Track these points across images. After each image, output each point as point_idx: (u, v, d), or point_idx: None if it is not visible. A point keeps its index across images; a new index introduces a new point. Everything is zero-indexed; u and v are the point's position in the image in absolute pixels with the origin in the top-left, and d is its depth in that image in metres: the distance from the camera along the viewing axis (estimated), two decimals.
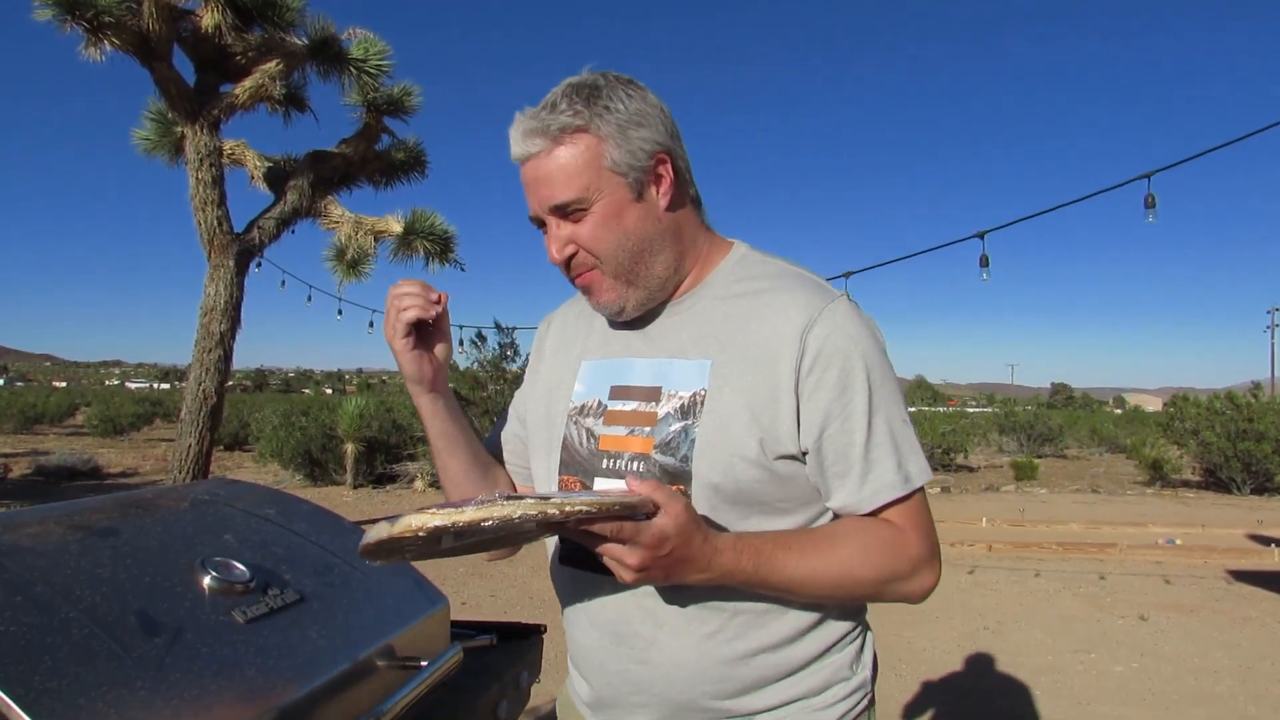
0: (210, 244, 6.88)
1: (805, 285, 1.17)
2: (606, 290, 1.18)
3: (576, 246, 1.16)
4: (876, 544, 1.11)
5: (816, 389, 1.10)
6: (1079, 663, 5.00)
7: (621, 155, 1.13)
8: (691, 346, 1.18)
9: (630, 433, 1.17)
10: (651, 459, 1.14)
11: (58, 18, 5.78)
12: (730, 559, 1.03)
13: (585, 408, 1.23)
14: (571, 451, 1.23)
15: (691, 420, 1.13)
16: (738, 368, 1.13)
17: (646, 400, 1.17)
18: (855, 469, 1.12)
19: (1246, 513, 11.85)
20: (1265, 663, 4.97)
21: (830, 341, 1.11)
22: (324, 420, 15.27)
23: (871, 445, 1.11)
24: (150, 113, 7.87)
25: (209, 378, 6.80)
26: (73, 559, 1.23)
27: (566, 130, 1.11)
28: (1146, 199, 4.77)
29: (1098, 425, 29.23)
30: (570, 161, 1.12)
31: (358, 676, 1.35)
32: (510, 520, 0.86)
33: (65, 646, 1.04)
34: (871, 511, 1.13)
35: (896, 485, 1.12)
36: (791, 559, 1.07)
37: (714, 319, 1.19)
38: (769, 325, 1.14)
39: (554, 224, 1.16)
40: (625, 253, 1.16)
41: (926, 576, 1.14)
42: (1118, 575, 7.45)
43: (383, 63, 7.38)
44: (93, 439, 24.20)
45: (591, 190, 1.12)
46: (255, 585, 1.34)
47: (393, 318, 1.20)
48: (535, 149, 1.13)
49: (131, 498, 1.60)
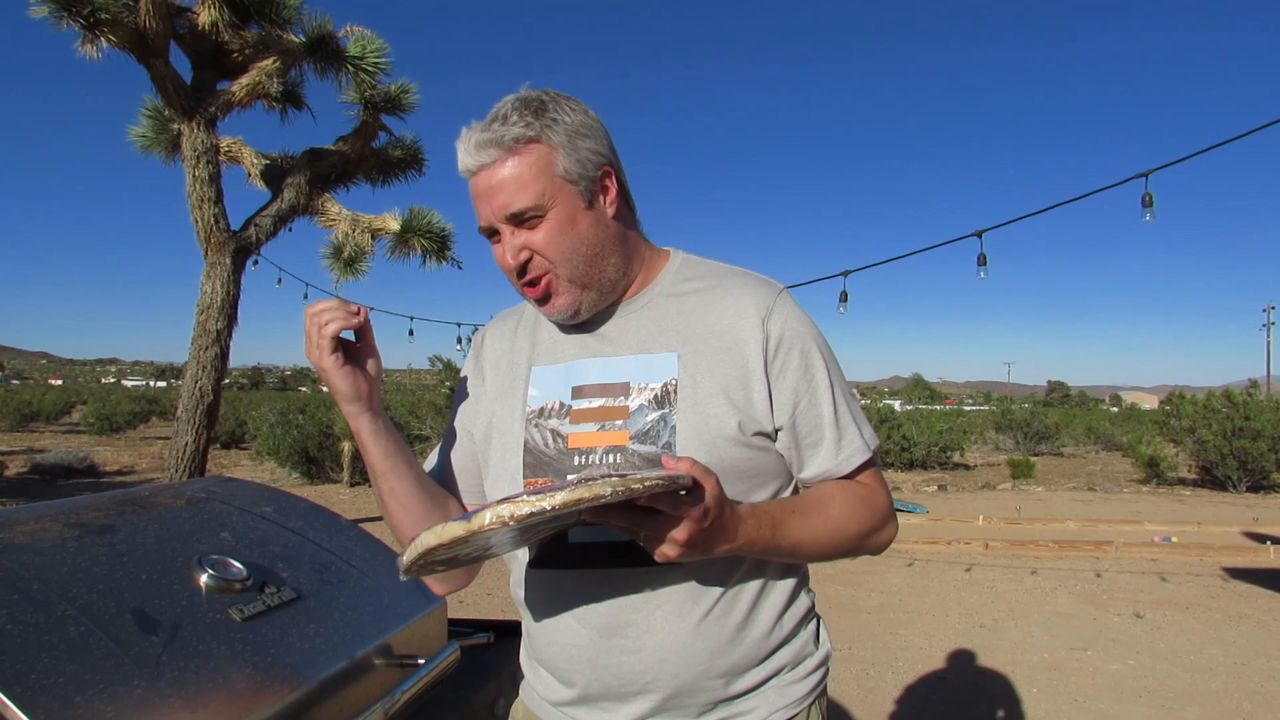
0: (207, 241, 6.87)
1: (751, 280, 1.27)
2: (563, 294, 1.22)
3: (531, 252, 1.20)
4: (858, 501, 1.22)
5: (784, 370, 1.20)
6: (1075, 660, 5.01)
7: (572, 164, 1.18)
8: (653, 341, 1.24)
9: (601, 428, 1.21)
10: (628, 449, 1.18)
11: (54, 14, 5.77)
12: (752, 526, 1.09)
13: (545, 410, 1.26)
14: (536, 454, 1.24)
15: (669, 408, 1.18)
16: (705, 357, 1.21)
17: (615, 396, 1.22)
18: (828, 437, 1.23)
19: (1242, 510, 11.88)
20: (1260, 660, 4.99)
21: (789, 327, 1.22)
22: (321, 418, 15.25)
23: (838, 416, 1.23)
24: (147, 110, 7.86)
25: (205, 375, 6.79)
26: (69, 557, 1.23)
27: (520, 140, 1.16)
28: (1144, 198, 4.77)
29: (1094, 423, 29.27)
30: (525, 170, 1.16)
31: (355, 674, 1.35)
32: (601, 498, 0.87)
33: (62, 644, 1.04)
34: (848, 474, 1.24)
35: (863, 449, 1.25)
36: (797, 521, 1.15)
37: (670, 315, 1.26)
38: (727, 317, 1.22)
39: (508, 232, 1.19)
40: (580, 257, 1.20)
41: (892, 526, 1.28)
42: (1114, 573, 7.47)
43: (380, 60, 7.38)
44: (89, 437, 24.16)
45: (546, 197, 1.17)
46: (252, 583, 1.34)
47: (315, 335, 1.19)
48: (489, 159, 1.16)
49: (128, 495, 1.60)
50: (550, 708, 1.28)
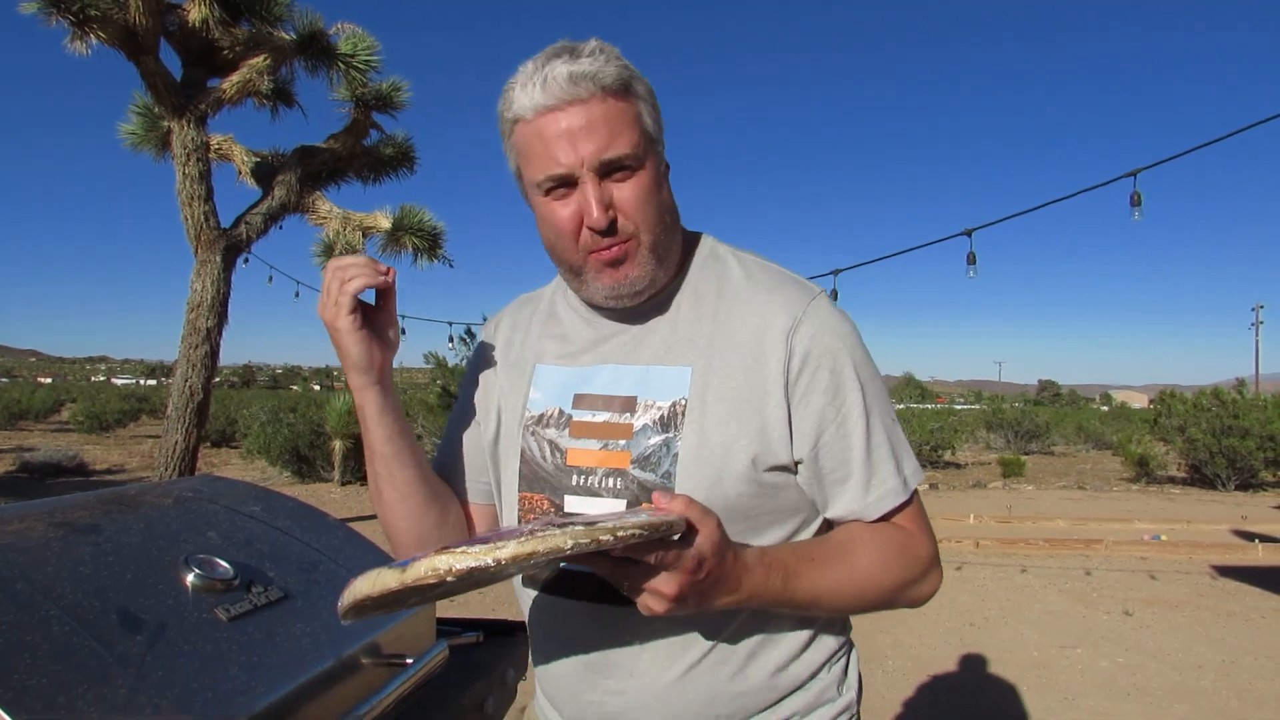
0: (197, 239, 6.85)
1: (784, 283, 1.10)
2: (639, 265, 1.06)
3: (615, 211, 1.03)
4: (892, 550, 1.06)
5: (808, 393, 1.04)
6: (1065, 658, 5.03)
7: (654, 125, 1.07)
8: (667, 351, 1.09)
9: (603, 446, 1.08)
10: (629, 474, 1.05)
11: (43, 10, 5.74)
12: (760, 577, 0.96)
13: (544, 417, 1.13)
14: (533, 466, 1.12)
15: (673, 433, 1.04)
16: (719, 374, 1.06)
17: (620, 411, 1.08)
18: (856, 475, 1.06)
19: (1231, 509, 11.95)
20: (1248, 657, 5.02)
21: (818, 341, 1.05)
22: (311, 417, 15.21)
23: (871, 449, 1.06)
24: (137, 107, 7.83)
25: (196, 374, 6.77)
26: (54, 556, 1.22)
27: (618, 83, 1.02)
28: (1132, 197, 4.80)
29: (1084, 422, 29.40)
30: (623, 115, 1.02)
31: (342, 674, 1.35)
32: (560, 551, 0.74)
33: (46, 645, 1.03)
34: (879, 517, 1.07)
35: (899, 490, 1.07)
36: (815, 571, 1.00)
37: (690, 320, 1.11)
38: (750, 327, 1.07)
39: (593, 183, 1.02)
40: (663, 226, 1.07)
41: (935, 577, 1.10)
42: (1103, 571, 7.50)
43: (371, 58, 7.36)
44: (78, 435, 24.04)
45: (641, 149, 1.03)
46: (239, 583, 1.33)
47: (335, 290, 1.05)
48: (583, 94, 1.00)
49: (115, 494, 1.59)
50: None
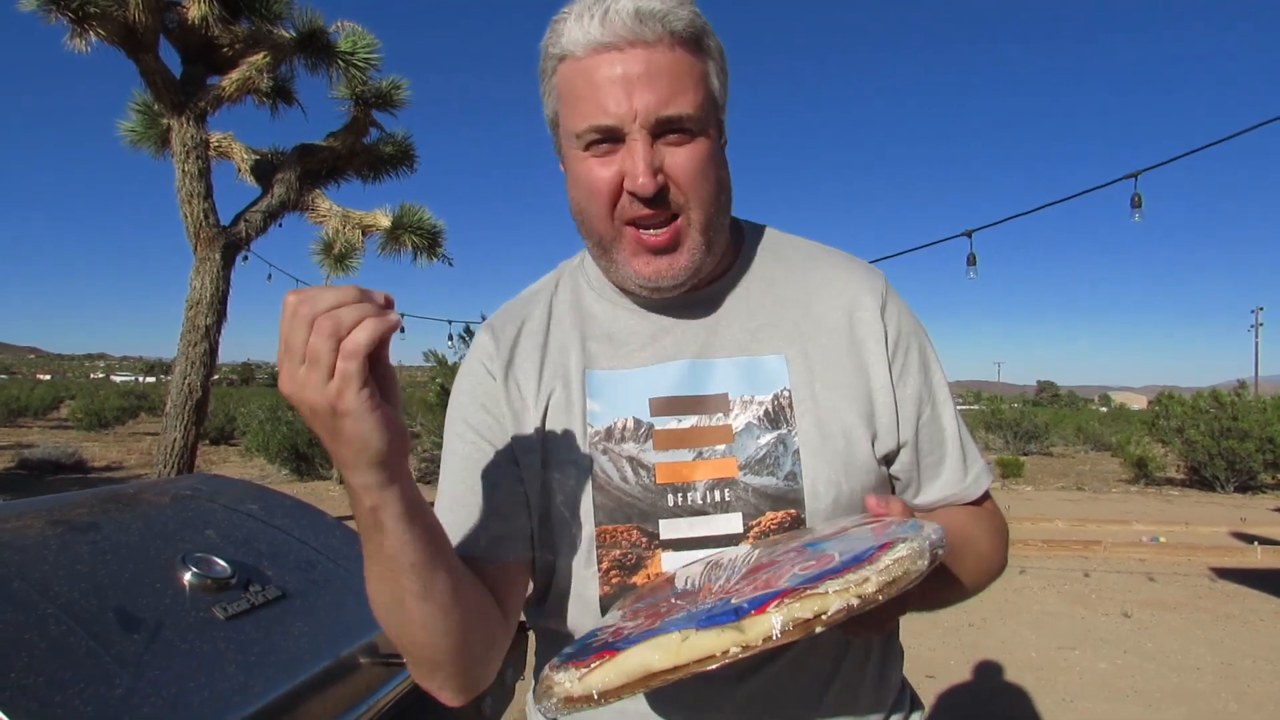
0: (196, 237, 6.84)
1: (855, 263, 1.04)
2: (688, 252, 0.92)
3: (665, 179, 0.88)
4: (996, 532, 1.03)
5: (904, 373, 0.98)
6: (1063, 659, 5.03)
7: (721, 88, 0.93)
8: (752, 340, 0.97)
9: (699, 455, 0.93)
10: (740, 483, 0.92)
11: (42, 8, 5.73)
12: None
13: (615, 431, 0.94)
14: (612, 492, 0.93)
15: (785, 428, 0.93)
16: (820, 360, 0.96)
17: (711, 412, 0.94)
18: (951, 454, 1.00)
19: (1230, 511, 11.95)
20: (1247, 660, 5.02)
21: (904, 320, 1.00)
22: None
23: (959, 428, 1.02)
24: (136, 104, 7.83)
25: (194, 371, 6.76)
26: (52, 554, 1.22)
27: (691, 31, 0.88)
28: (1133, 198, 4.80)
29: (1083, 423, 29.41)
30: (690, 69, 0.88)
31: (340, 673, 1.34)
32: (912, 573, 0.64)
33: (43, 643, 1.03)
34: (979, 496, 1.03)
35: (986, 469, 1.05)
36: (959, 566, 0.94)
37: (765, 304, 0.99)
38: (840, 306, 0.98)
39: (644, 141, 0.87)
40: (716, 205, 0.93)
41: (1007, 554, 1.07)
42: (1102, 572, 7.50)
43: (371, 56, 7.36)
44: (77, 432, 24.03)
45: (705, 112, 0.89)
46: (236, 581, 1.33)
47: (327, 352, 0.68)
48: (649, 35, 0.85)
49: (113, 493, 1.59)
50: None
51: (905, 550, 0.65)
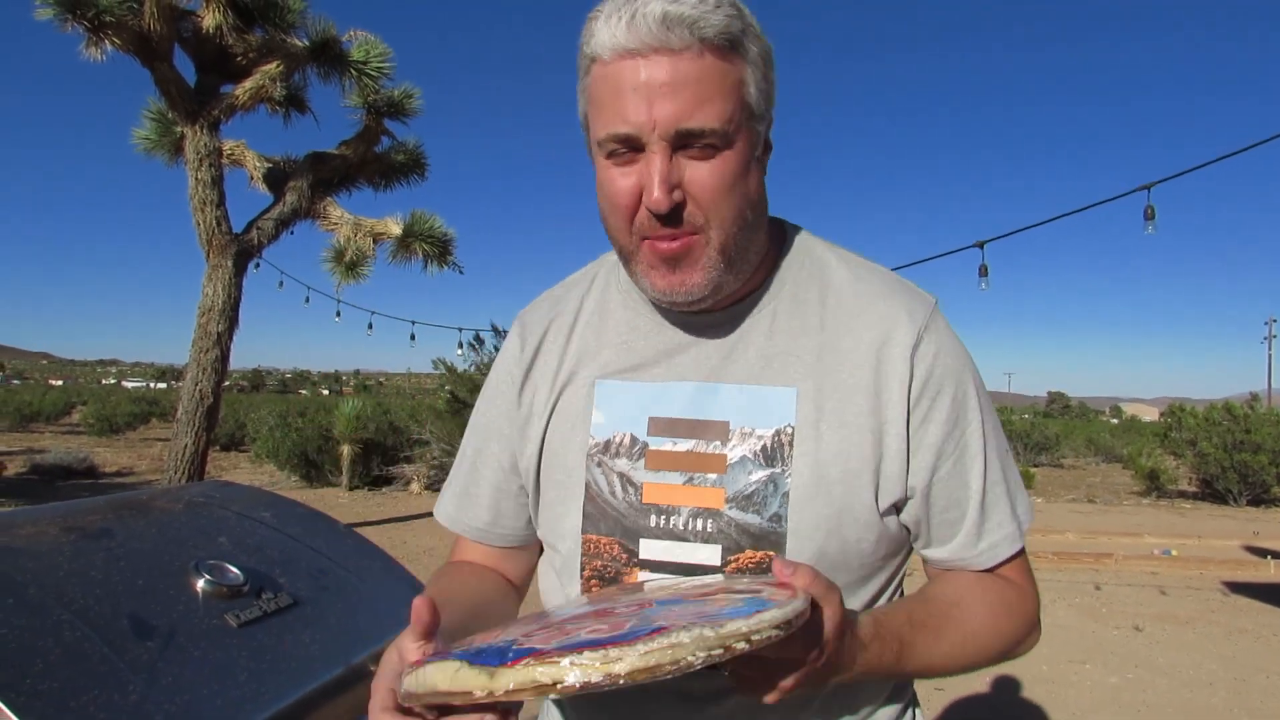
0: (209, 244, 6.89)
1: (899, 290, 0.95)
2: (702, 269, 0.88)
3: (684, 195, 0.85)
4: (1003, 609, 0.92)
5: (927, 421, 0.90)
6: (1074, 673, 5.00)
7: (760, 97, 0.86)
8: (766, 368, 0.92)
9: (688, 481, 0.91)
10: (724, 516, 0.90)
11: (59, 17, 5.79)
12: (874, 653, 0.81)
13: (612, 445, 0.95)
14: (601, 504, 0.94)
15: (780, 467, 0.89)
16: (834, 398, 0.90)
17: (709, 438, 0.92)
18: (970, 518, 0.92)
19: (1243, 524, 11.86)
20: (1260, 676, 4.97)
21: (940, 362, 0.91)
22: (320, 421, 15.24)
23: (988, 488, 0.92)
24: (150, 112, 7.89)
25: (206, 377, 6.80)
26: (66, 561, 1.23)
27: (724, 36, 0.82)
28: (1146, 210, 4.79)
29: (1094, 435, 29.26)
30: (721, 78, 0.82)
31: (351, 681, 1.34)
32: (687, 668, 0.60)
33: (57, 649, 1.04)
34: (992, 566, 0.94)
35: (1014, 537, 0.93)
36: (930, 641, 0.87)
37: (790, 331, 0.94)
38: (866, 341, 0.91)
39: (662, 154, 0.83)
40: (742, 223, 0.88)
41: (1036, 635, 0.97)
42: (1113, 585, 7.45)
43: (383, 65, 7.41)
44: (89, 438, 24.15)
45: (733, 125, 0.83)
46: (249, 589, 1.33)
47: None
48: (675, 43, 0.81)
49: (125, 499, 1.60)
50: None
51: (684, 638, 0.60)
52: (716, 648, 0.61)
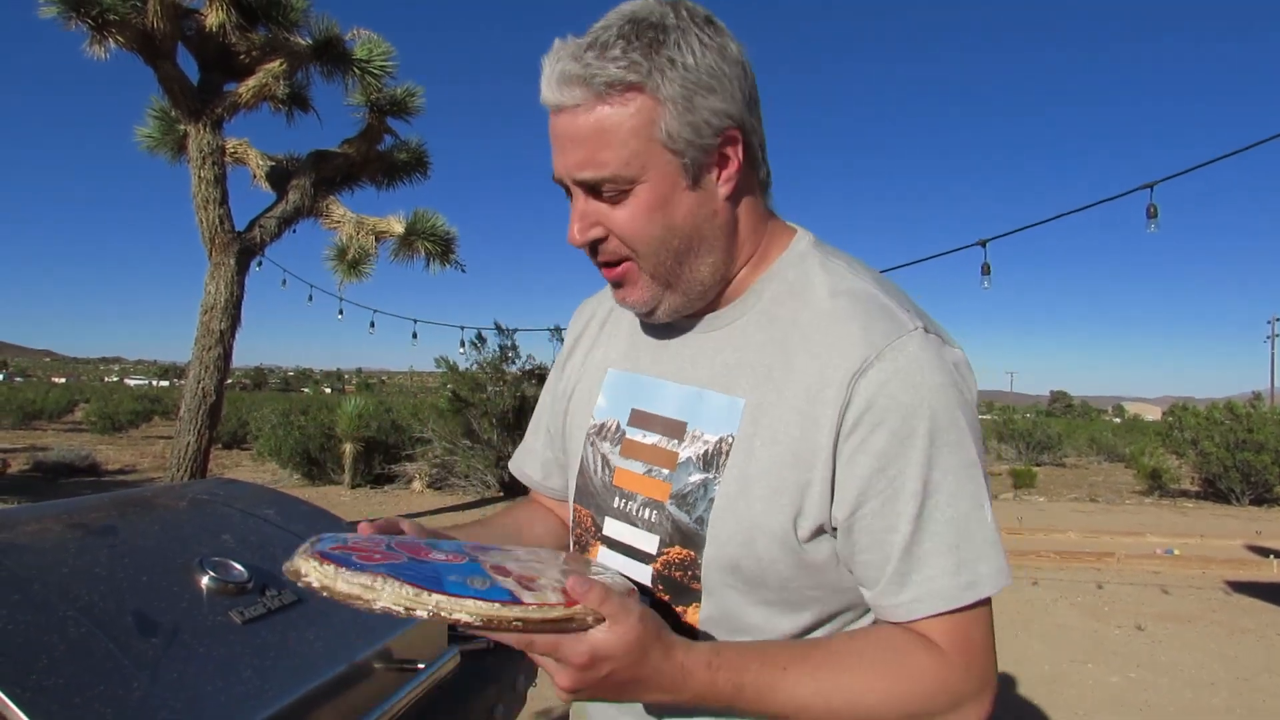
0: (212, 242, 6.89)
1: (871, 309, 0.91)
2: (640, 288, 0.95)
3: (606, 230, 0.92)
4: (902, 672, 0.85)
5: (858, 453, 0.86)
6: (1075, 672, 5.00)
7: (681, 128, 0.87)
8: (724, 375, 0.96)
9: (648, 472, 0.97)
10: (665, 510, 0.95)
11: (62, 15, 5.79)
12: (703, 680, 0.82)
13: (604, 429, 1.04)
14: (587, 478, 1.04)
15: (713, 474, 0.92)
16: (773, 414, 0.90)
17: (670, 436, 0.97)
18: (893, 565, 0.86)
19: (1245, 523, 11.85)
20: (1263, 675, 4.97)
21: (886, 392, 0.86)
22: (323, 419, 15.25)
23: (921, 537, 0.85)
24: (153, 110, 7.90)
25: (208, 375, 6.80)
26: (70, 557, 1.23)
27: (615, 86, 0.85)
28: (1148, 209, 4.78)
29: (1096, 434, 29.23)
30: (615, 127, 0.86)
31: (354, 679, 1.35)
32: (371, 605, 0.72)
33: (62, 645, 1.04)
34: (912, 621, 0.87)
35: (949, 594, 0.85)
36: (786, 682, 0.83)
37: (755, 343, 0.95)
38: (818, 361, 0.90)
39: (581, 197, 0.91)
40: (668, 251, 0.92)
41: (970, 712, 0.86)
42: (1115, 585, 7.45)
43: (386, 64, 7.41)
44: (91, 435, 24.18)
45: (635, 168, 0.87)
46: (253, 586, 1.34)
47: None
48: (570, 100, 0.87)
49: (129, 496, 1.60)
50: None
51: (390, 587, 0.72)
52: (401, 605, 0.72)
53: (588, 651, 0.77)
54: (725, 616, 0.94)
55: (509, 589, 0.77)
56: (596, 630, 0.77)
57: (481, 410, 12.35)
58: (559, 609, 0.76)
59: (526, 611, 0.75)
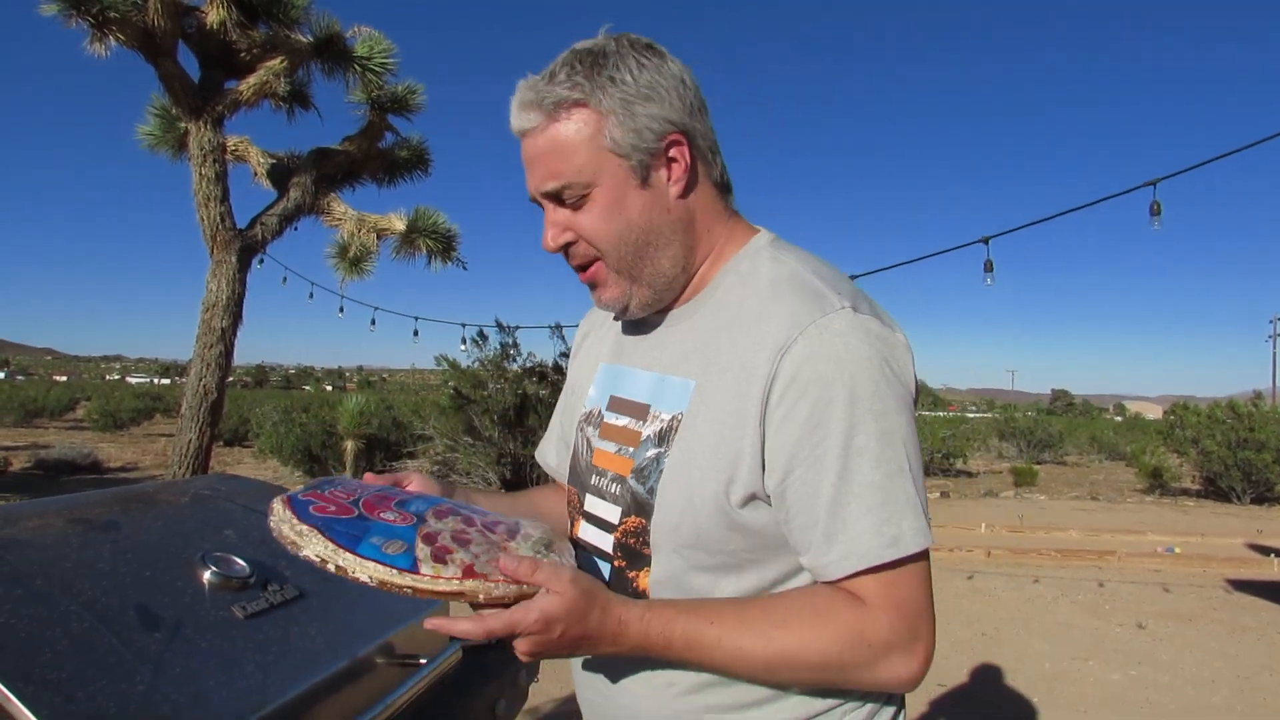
0: (213, 240, 6.89)
1: (801, 292, 1.00)
2: (610, 285, 1.06)
3: (575, 234, 1.04)
4: (828, 625, 0.92)
5: (784, 424, 0.94)
6: (1077, 670, 5.00)
7: (624, 135, 0.99)
8: (680, 360, 1.06)
9: (618, 450, 1.09)
10: (626, 483, 1.05)
11: (63, 12, 5.78)
12: (638, 632, 0.92)
13: (590, 415, 1.16)
14: (576, 460, 1.17)
15: (665, 448, 1.02)
16: (715, 392, 1.00)
17: (637, 417, 1.08)
18: (820, 526, 0.93)
19: (1246, 522, 11.84)
20: (1264, 673, 4.97)
21: (809, 366, 0.93)
22: (324, 417, 15.27)
23: (845, 499, 0.92)
24: (154, 108, 7.89)
25: (210, 373, 6.80)
26: (73, 553, 1.23)
27: (562, 105, 0.99)
28: (1152, 206, 4.77)
29: (1098, 432, 29.23)
30: (566, 140, 1.00)
31: (357, 673, 1.35)
32: (309, 557, 0.88)
33: (65, 640, 1.04)
34: (841, 578, 0.93)
35: (872, 551, 0.91)
36: (711, 634, 0.92)
37: (709, 330, 1.05)
38: (751, 341, 0.99)
39: (550, 208, 1.04)
40: (628, 245, 1.03)
41: (898, 665, 0.93)
42: (1116, 583, 7.45)
43: (387, 61, 7.40)
44: (93, 433, 24.20)
45: (587, 174, 1.00)
46: (255, 581, 1.34)
47: None
48: (529, 124, 1.01)
49: (132, 492, 1.60)
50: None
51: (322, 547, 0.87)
52: (319, 558, 0.87)
53: (539, 617, 0.87)
54: (671, 579, 1.02)
55: (417, 557, 0.87)
56: (539, 598, 0.88)
57: (483, 407, 12.34)
58: (452, 582, 0.86)
59: (418, 581, 0.85)
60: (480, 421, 12.26)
